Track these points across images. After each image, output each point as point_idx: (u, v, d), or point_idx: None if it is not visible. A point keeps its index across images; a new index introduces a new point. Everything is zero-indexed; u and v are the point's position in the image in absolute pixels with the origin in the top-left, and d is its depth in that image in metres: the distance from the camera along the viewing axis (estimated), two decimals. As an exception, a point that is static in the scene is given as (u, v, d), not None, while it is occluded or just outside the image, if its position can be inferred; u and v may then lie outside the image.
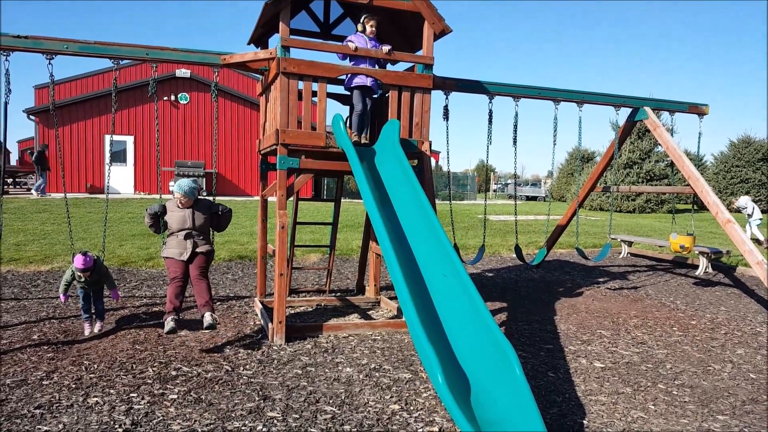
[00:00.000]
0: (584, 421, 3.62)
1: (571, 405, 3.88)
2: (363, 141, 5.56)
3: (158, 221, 5.03)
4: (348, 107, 6.32)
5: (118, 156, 22.71)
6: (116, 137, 22.40)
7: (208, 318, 4.72)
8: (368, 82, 5.53)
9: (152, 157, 23.06)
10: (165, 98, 23.17)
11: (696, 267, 9.99)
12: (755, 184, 28.56)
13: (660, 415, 3.74)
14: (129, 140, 22.96)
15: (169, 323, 4.68)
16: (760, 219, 12.90)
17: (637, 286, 8.33)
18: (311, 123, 5.39)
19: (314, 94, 5.37)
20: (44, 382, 3.97)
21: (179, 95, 23.52)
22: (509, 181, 51.74)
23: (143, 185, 23.19)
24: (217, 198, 18.85)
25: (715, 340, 5.61)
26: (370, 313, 6.31)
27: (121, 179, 22.52)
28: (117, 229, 11.70)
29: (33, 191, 19.51)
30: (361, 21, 5.62)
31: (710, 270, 9.73)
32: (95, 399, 3.71)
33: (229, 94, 24.19)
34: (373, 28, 5.59)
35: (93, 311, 5.20)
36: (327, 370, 4.37)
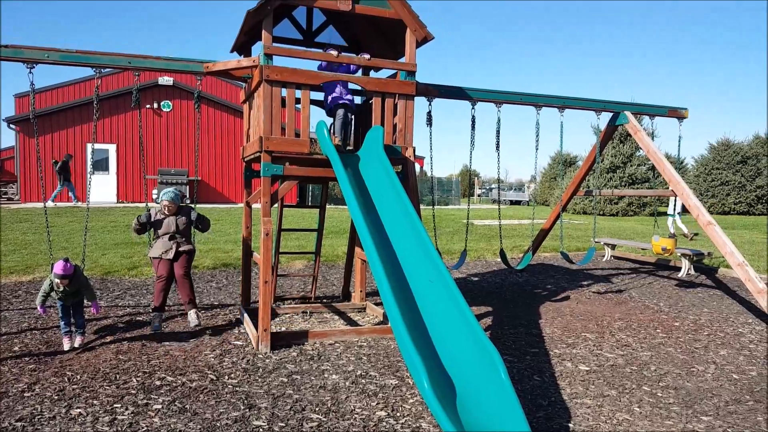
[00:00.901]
0: (570, 425, 3.64)
1: (557, 408, 3.90)
2: (346, 146, 5.59)
3: (145, 228, 5.66)
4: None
5: (101, 165, 22.50)
6: (98, 146, 22.21)
7: (193, 317, 5.54)
8: (344, 96, 5.69)
9: (135, 165, 22.89)
10: (147, 106, 23.02)
11: (678, 269, 10.10)
12: (735, 186, 29.00)
13: (645, 417, 3.78)
14: (111, 149, 22.77)
15: (154, 323, 5.54)
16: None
17: (620, 289, 8.41)
18: (295, 130, 5.39)
19: (298, 101, 5.37)
20: (26, 394, 3.91)
21: (162, 103, 23.39)
22: (493, 186, 52.01)
23: (126, 194, 23.00)
24: (202, 206, 18.73)
25: (698, 341, 5.67)
26: (356, 319, 6.30)
27: (103, 188, 22.29)
28: (99, 238, 11.58)
29: (50, 201, 20.04)
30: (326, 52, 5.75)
31: (692, 272, 9.85)
32: (78, 410, 3.66)
33: (212, 101, 24.10)
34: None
35: (72, 324, 5.08)
36: (313, 378, 4.35)
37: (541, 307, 7.06)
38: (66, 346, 4.97)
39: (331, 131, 6.00)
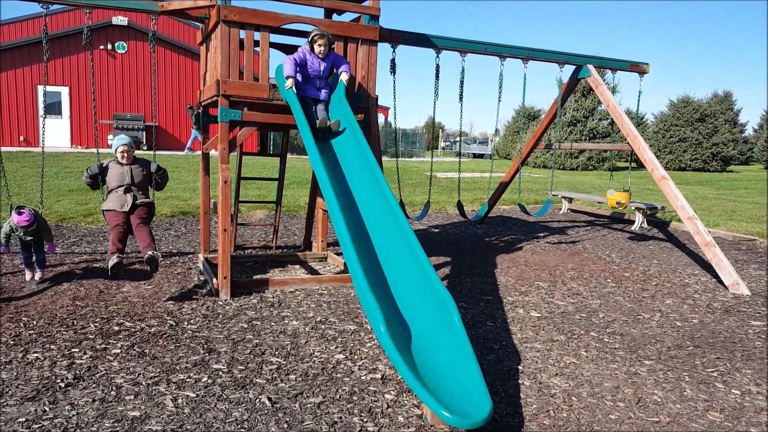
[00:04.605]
0: (519, 367, 3.80)
1: (508, 352, 4.06)
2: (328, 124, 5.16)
3: (97, 180, 5.13)
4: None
5: (53, 108, 21.60)
6: (50, 88, 21.27)
7: (149, 252, 4.74)
8: (322, 95, 5.28)
9: (89, 109, 22.04)
10: (101, 47, 22.02)
11: (632, 222, 10.43)
12: (692, 143, 29.76)
13: (591, 361, 3.96)
14: (64, 91, 21.83)
15: (113, 259, 4.66)
16: None
17: (575, 241, 8.65)
18: (253, 74, 5.26)
19: (257, 43, 5.22)
20: (-22, 340, 3.86)
21: (116, 44, 22.40)
22: (457, 139, 52.08)
23: (80, 139, 22.23)
24: (159, 152, 18.29)
25: (646, 291, 5.92)
26: (317, 268, 6.34)
27: (56, 132, 21.46)
28: (53, 184, 11.24)
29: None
30: (311, 38, 5.10)
31: (645, 225, 10.18)
32: (35, 355, 3.64)
33: (168, 43, 23.20)
34: (322, 48, 5.08)
35: (33, 260, 5.23)
36: (273, 324, 4.41)
37: (497, 257, 7.23)
38: (27, 277, 5.24)
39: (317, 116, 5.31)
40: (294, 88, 5.07)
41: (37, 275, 5.26)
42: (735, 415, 3.28)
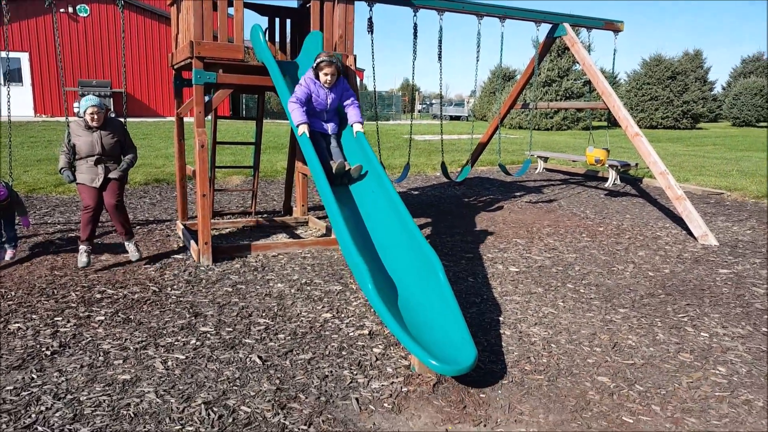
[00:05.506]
0: (500, 318, 3.92)
1: (489, 305, 4.17)
2: (347, 167, 4.65)
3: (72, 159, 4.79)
4: (266, 18, 6.10)
5: (12, 75, 20.85)
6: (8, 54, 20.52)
7: (132, 249, 4.87)
8: (330, 129, 4.93)
9: (52, 76, 21.33)
10: (62, 10, 21.20)
11: (606, 180, 10.61)
12: (663, 101, 30.08)
13: (568, 311, 4.10)
14: (23, 57, 21.06)
15: (82, 258, 4.66)
16: None
17: (551, 199, 8.79)
18: (228, 37, 5.15)
19: (230, 3, 5.10)
20: (-42, 311, 3.81)
21: (78, 7, 21.57)
22: (434, 101, 51.82)
23: (44, 107, 21.57)
24: (128, 119, 17.89)
25: (620, 244, 6.08)
26: (298, 232, 6.36)
27: (18, 101, 20.75)
28: (20, 154, 10.96)
29: None
30: (317, 65, 4.71)
31: (619, 182, 10.36)
32: (17, 325, 3.62)
33: (133, 5, 22.42)
34: (328, 77, 4.68)
35: (3, 239, 4.95)
36: (258, 287, 4.44)
37: (476, 216, 7.33)
38: None
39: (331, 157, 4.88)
40: (307, 132, 4.65)
41: (8, 255, 4.89)
42: (704, 355, 3.45)
